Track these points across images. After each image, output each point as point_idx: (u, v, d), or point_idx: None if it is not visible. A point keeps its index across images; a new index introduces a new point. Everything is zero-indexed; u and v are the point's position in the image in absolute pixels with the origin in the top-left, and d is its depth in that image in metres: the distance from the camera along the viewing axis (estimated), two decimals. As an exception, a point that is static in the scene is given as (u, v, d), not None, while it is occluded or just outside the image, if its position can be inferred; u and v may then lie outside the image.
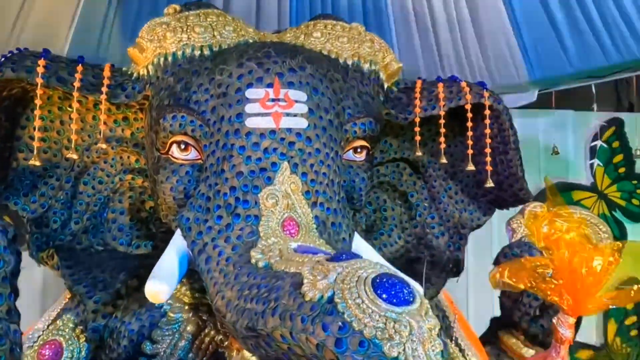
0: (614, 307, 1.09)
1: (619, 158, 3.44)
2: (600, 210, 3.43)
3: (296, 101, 1.44)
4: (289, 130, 1.42)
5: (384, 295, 0.92)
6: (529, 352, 1.78)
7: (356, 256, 1.05)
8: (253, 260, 1.21)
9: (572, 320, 1.13)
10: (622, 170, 3.47)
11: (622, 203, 3.45)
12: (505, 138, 1.78)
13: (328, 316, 0.92)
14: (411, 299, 0.93)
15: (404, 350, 0.88)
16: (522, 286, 1.16)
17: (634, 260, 1.34)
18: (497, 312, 2.06)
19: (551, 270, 1.10)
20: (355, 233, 1.58)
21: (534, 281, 1.11)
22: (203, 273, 1.33)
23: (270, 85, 1.44)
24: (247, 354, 1.29)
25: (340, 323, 0.90)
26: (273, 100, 1.43)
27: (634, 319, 3.37)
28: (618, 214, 3.45)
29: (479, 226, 1.95)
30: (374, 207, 1.94)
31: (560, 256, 1.08)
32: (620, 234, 3.39)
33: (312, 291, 0.97)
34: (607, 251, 1.07)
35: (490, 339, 1.91)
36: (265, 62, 1.46)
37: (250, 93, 1.44)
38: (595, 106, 3.02)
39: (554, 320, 1.17)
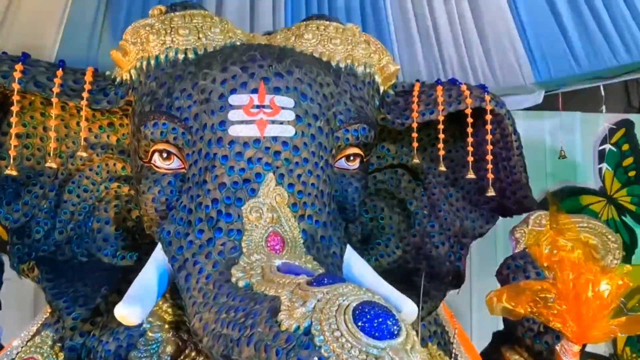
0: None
1: (628, 161, 3.36)
2: (610, 215, 3.35)
3: (282, 108, 1.39)
4: (275, 138, 1.36)
5: (366, 327, 0.84)
6: (535, 369, 1.71)
7: (339, 280, 0.98)
8: (234, 279, 1.16)
9: (577, 348, 1.05)
10: (632, 173, 3.39)
11: (633, 208, 3.37)
12: (508, 143, 1.74)
13: (304, 350, 0.86)
14: (396, 332, 0.86)
15: None
16: (522, 311, 1.08)
17: None
18: (501, 326, 1.99)
19: (553, 294, 1.02)
20: (348, 246, 1.52)
21: (534, 306, 1.04)
22: (183, 291, 1.28)
23: (255, 91, 1.38)
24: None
25: (316, 359, 0.83)
26: (258, 106, 1.38)
27: (644, 328, 3.32)
28: (628, 219, 3.36)
29: (481, 235, 1.92)
30: (370, 215, 1.89)
31: (563, 278, 1.00)
32: (630, 240, 3.32)
33: (288, 320, 0.90)
34: (616, 274, 0.99)
35: (492, 354, 1.86)
36: (250, 66, 1.41)
37: (233, 99, 1.38)
38: (604, 108, 2.97)
39: (557, 348, 1.09)
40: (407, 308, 1.36)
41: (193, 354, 1.46)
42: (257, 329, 0.94)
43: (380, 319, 0.86)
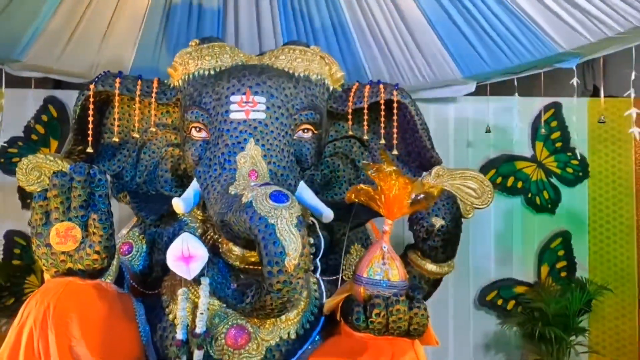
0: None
1: (556, 135, 3.84)
2: (539, 176, 3.85)
3: (259, 102, 2.18)
4: (254, 119, 2.18)
5: (273, 199, 1.84)
6: (423, 262, 2.56)
7: (271, 184, 1.99)
8: (230, 192, 2.09)
9: (390, 222, 2.00)
10: (558, 144, 3.87)
11: (558, 171, 3.86)
12: (414, 122, 2.40)
13: (248, 209, 1.85)
14: (287, 201, 1.84)
15: (276, 220, 1.80)
16: (363, 201, 2.03)
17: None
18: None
19: (375, 193, 1.94)
20: (301, 182, 2.34)
21: (370, 200, 1.99)
22: (206, 200, 2.23)
23: (244, 94, 2.23)
24: (231, 245, 2.20)
25: (252, 211, 1.83)
26: (245, 102, 2.20)
27: (564, 263, 3.88)
28: (554, 180, 3.86)
29: None
30: (330, 169, 2.56)
31: (381, 185, 1.93)
32: (555, 196, 3.86)
33: (245, 199, 1.90)
34: (401, 183, 1.92)
35: (402, 256, 2.68)
36: (242, 79, 2.27)
37: (233, 98, 2.19)
38: (517, 94, 3.39)
39: (384, 219, 2.03)
40: (326, 212, 2.25)
41: (212, 233, 2.40)
42: (234, 205, 1.95)
43: (281, 196, 1.82)
